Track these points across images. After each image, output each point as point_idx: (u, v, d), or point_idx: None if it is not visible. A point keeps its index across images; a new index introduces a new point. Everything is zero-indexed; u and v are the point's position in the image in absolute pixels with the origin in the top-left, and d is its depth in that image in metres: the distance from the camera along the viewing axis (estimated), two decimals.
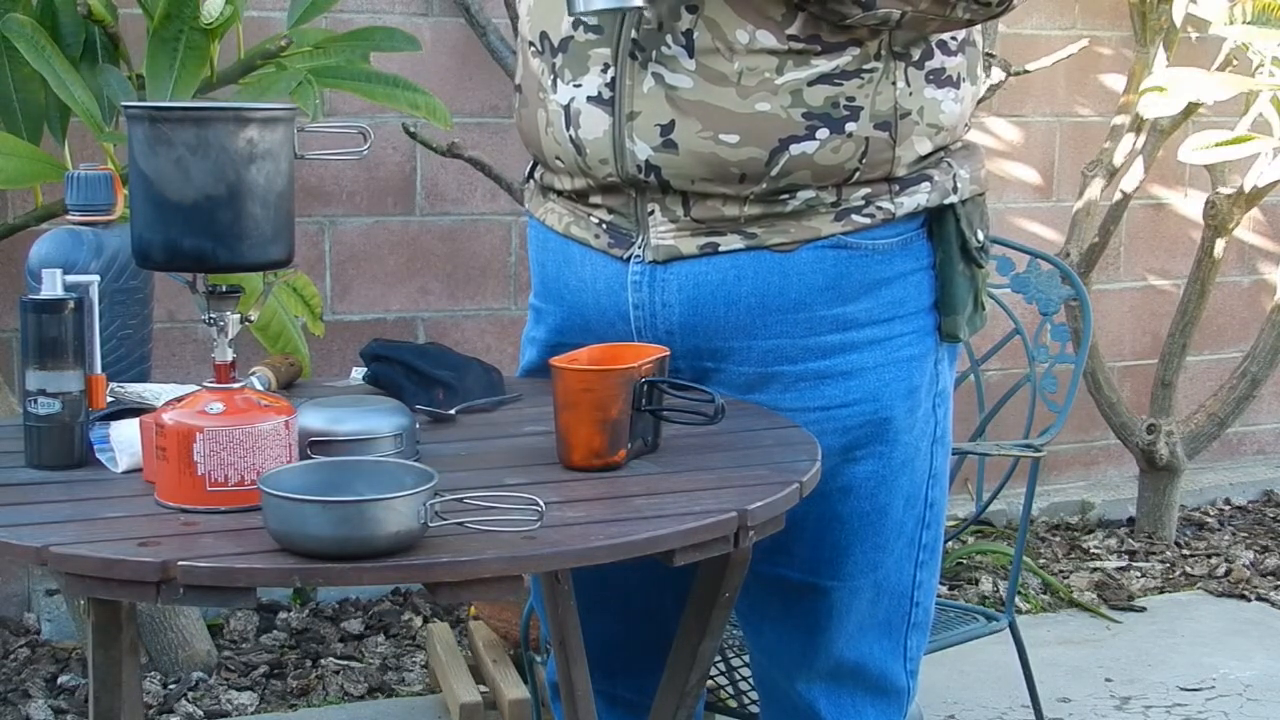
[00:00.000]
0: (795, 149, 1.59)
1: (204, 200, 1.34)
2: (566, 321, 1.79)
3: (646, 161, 1.62)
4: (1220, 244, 3.83)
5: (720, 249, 1.66)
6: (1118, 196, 3.85)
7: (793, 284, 1.66)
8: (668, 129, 1.60)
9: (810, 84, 1.58)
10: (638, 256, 1.69)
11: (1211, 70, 3.53)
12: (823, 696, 1.80)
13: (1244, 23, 3.26)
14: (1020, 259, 2.69)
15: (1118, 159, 3.81)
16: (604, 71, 1.62)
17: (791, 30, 1.57)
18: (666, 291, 1.68)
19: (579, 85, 1.64)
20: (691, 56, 1.58)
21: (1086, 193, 3.86)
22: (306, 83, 2.59)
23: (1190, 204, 4.34)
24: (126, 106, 1.38)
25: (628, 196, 1.68)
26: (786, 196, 1.63)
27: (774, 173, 1.60)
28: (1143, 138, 3.78)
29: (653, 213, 1.66)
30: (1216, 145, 3.34)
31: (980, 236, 1.72)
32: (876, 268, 1.67)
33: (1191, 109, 3.63)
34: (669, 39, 1.59)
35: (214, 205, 1.34)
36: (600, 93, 1.62)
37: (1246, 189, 3.67)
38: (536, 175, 1.82)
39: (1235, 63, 3.66)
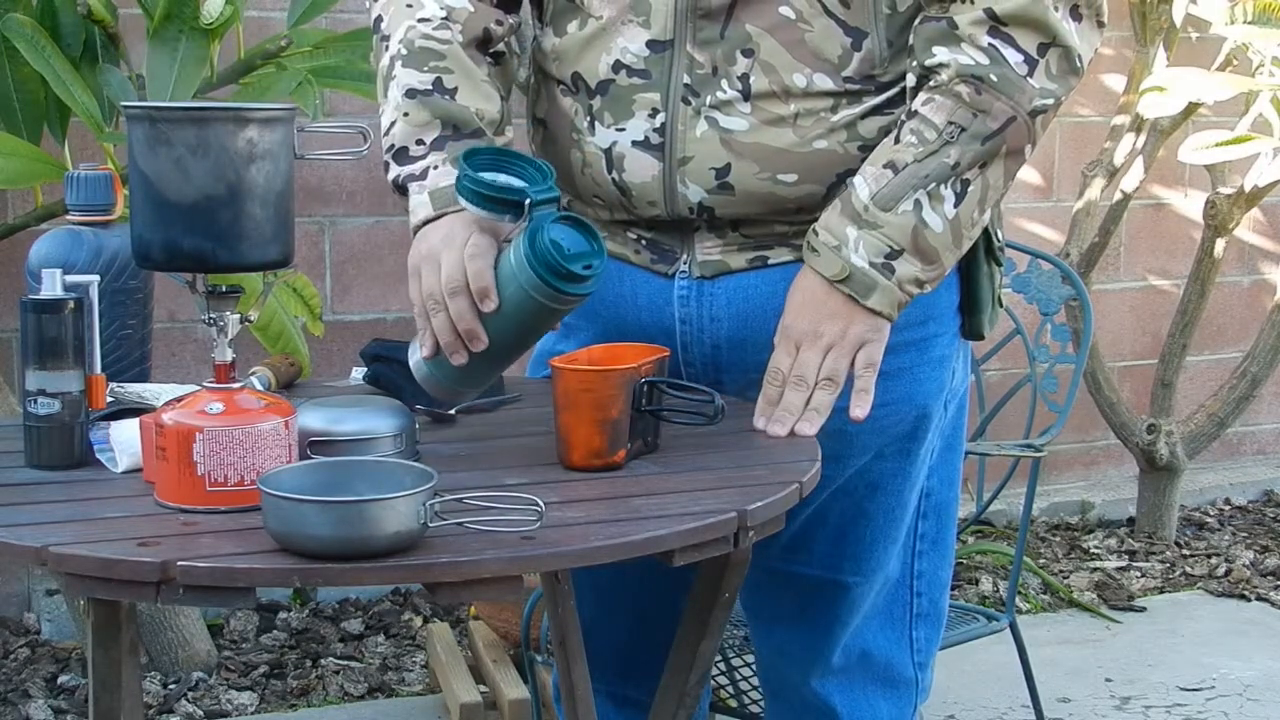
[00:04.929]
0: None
1: (204, 200, 1.34)
2: (603, 337, 1.76)
3: (700, 203, 1.60)
4: (1220, 244, 3.83)
5: (770, 261, 1.65)
6: (1118, 196, 3.85)
7: None
8: (723, 172, 1.58)
9: (863, 117, 1.59)
10: (683, 272, 1.67)
11: (1211, 70, 3.53)
12: (837, 691, 1.81)
13: (1244, 23, 3.27)
14: (1021, 259, 2.69)
15: (1118, 159, 3.80)
16: (652, 116, 1.59)
17: (847, 72, 1.57)
18: (715, 305, 1.67)
19: (622, 129, 1.61)
20: (747, 100, 1.57)
21: (1086, 193, 3.86)
22: (306, 83, 2.59)
23: (1190, 204, 4.34)
24: (126, 106, 1.38)
25: (673, 223, 1.66)
26: None
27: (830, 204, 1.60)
28: (1143, 138, 3.78)
29: (699, 229, 1.65)
30: (1216, 145, 3.34)
31: (1000, 235, 1.73)
32: None
33: (1191, 109, 3.63)
34: (724, 84, 1.57)
35: (214, 205, 1.34)
36: (648, 137, 1.60)
37: (1246, 189, 3.67)
38: (563, 200, 1.80)
39: (1235, 63, 3.66)
